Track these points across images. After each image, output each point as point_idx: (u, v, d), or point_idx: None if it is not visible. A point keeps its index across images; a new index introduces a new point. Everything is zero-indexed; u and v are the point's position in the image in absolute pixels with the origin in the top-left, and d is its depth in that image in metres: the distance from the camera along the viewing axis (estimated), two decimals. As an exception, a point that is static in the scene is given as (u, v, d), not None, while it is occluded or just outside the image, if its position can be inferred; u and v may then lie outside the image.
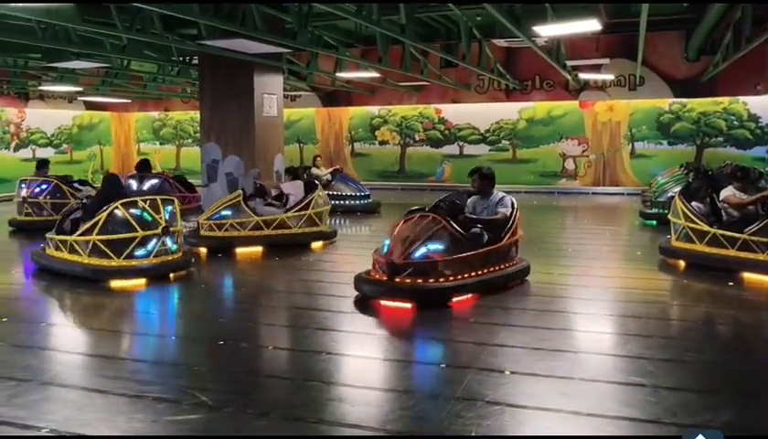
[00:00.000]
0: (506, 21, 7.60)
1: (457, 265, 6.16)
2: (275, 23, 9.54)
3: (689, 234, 7.74)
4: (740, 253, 7.11)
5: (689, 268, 7.64)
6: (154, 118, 22.35)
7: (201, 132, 11.14)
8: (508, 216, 6.83)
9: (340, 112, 19.87)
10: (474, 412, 3.78)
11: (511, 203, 7.01)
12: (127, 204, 7.18)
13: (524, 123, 18.20)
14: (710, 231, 7.44)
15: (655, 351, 4.79)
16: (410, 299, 6.01)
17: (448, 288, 6.07)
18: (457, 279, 6.12)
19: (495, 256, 6.56)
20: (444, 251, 6.16)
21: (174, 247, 7.44)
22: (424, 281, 6.04)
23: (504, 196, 7.07)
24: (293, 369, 4.70)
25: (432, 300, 6.02)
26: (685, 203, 7.90)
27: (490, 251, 6.47)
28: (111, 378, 4.43)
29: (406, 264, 6.05)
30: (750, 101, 16.04)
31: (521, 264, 7.00)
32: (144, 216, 7.18)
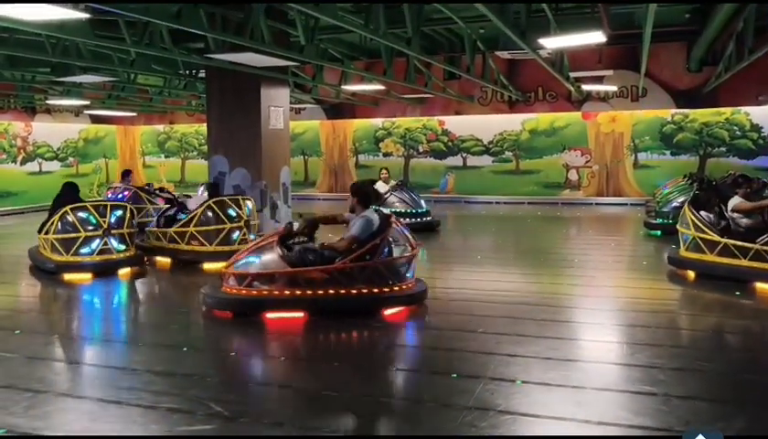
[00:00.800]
0: (512, 33, 7.67)
1: (268, 280, 6.16)
2: (282, 36, 9.62)
3: (699, 244, 7.73)
4: (752, 263, 7.12)
5: (699, 278, 7.64)
6: (160, 131, 22.46)
7: (208, 145, 11.20)
8: (352, 238, 6.21)
9: (344, 125, 19.97)
10: (487, 421, 3.81)
11: (363, 225, 6.24)
12: (76, 208, 8.32)
13: (527, 135, 18.26)
14: (721, 241, 7.44)
15: (665, 360, 4.82)
16: (227, 308, 6.20)
17: (255, 301, 6.12)
18: (272, 294, 6.12)
19: (345, 277, 6.12)
20: (260, 266, 6.21)
21: (121, 247, 8.46)
22: (238, 292, 6.17)
23: (362, 217, 6.30)
24: (305, 380, 4.73)
25: (241, 311, 6.15)
26: (695, 213, 7.90)
27: (328, 271, 6.10)
28: (125, 389, 4.46)
29: (227, 273, 6.29)
30: (752, 111, 16.10)
31: (404, 289, 6.37)
32: (89, 218, 8.31)
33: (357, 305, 6.18)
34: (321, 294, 6.13)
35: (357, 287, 6.16)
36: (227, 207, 8.98)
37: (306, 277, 6.11)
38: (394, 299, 6.29)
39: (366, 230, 6.24)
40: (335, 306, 6.13)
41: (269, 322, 6.02)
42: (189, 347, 5.46)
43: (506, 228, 13.69)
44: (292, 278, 6.13)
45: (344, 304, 6.16)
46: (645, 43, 9.04)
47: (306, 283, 6.12)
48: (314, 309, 6.10)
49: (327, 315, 6.04)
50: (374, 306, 6.20)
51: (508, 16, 7.67)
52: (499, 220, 14.84)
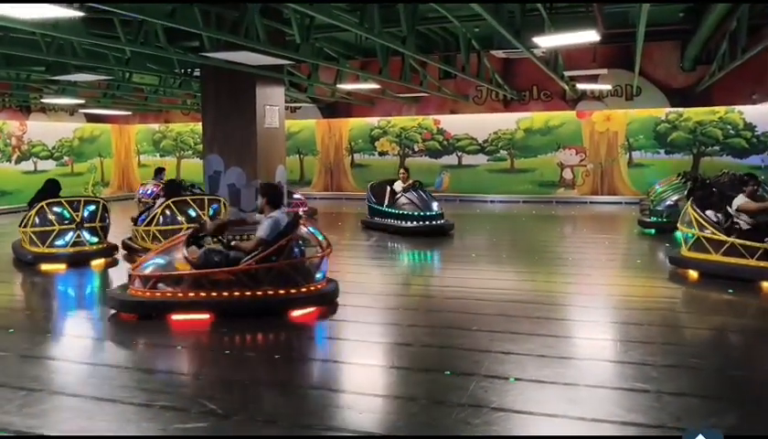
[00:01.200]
0: (507, 33, 7.69)
1: (173, 282, 6.12)
2: (277, 35, 9.63)
3: (703, 243, 7.70)
4: (759, 263, 7.13)
5: (702, 278, 7.61)
6: (155, 130, 22.43)
7: (203, 143, 11.19)
8: (259, 240, 6.22)
9: (340, 124, 19.98)
10: (481, 418, 3.83)
11: (269, 226, 6.23)
12: (51, 203, 9.01)
13: (522, 134, 18.30)
14: (728, 241, 7.42)
15: (658, 358, 4.85)
16: (131, 311, 6.21)
17: (160, 303, 6.09)
18: (176, 296, 6.08)
19: (251, 278, 6.09)
20: (164, 267, 6.18)
21: (93, 239, 9.08)
22: (143, 294, 6.15)
23: (270, 218, 6.30)
24: (299, 377, 4.74)
25: (146, 313, 6.15)
26: (699, 212, 7.85)
27: (233, 272, 6.07)
28: (119, 387, 4.47)
29: (133, 275, 6.28)
30: (745, 110, 16.16)
31: (312, 290, 6.31)
32: (63, 213, 8.98)
33: (264, 307, 6.12)
34: (226, 296, 6.07)
35: (263, 289, 6.10)
36: (187, 207, 9.14)
37: (211, 279, 6.08)
38: (302, 300, 6.22)
39: (272, 231, 6.22)
40: (241, 308, 6.08)
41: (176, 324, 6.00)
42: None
43: (500, 226, 13.72)
44: (196, 280, 6.09)
45: (250, 305, 6.10)
46: (639, 42, 9.08)
47: (211, 285, 6.07)
48: (220, 311, 6.04)
49: (235, 316, 6.00)
50: (281, 307, 6.14)
51: (503, 16, 7.69)
52: (494, 219, 14.87)
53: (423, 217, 11.68)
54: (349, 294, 7.33)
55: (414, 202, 11.85)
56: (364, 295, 7.32)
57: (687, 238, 8.02)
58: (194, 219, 8.94)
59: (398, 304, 6.99)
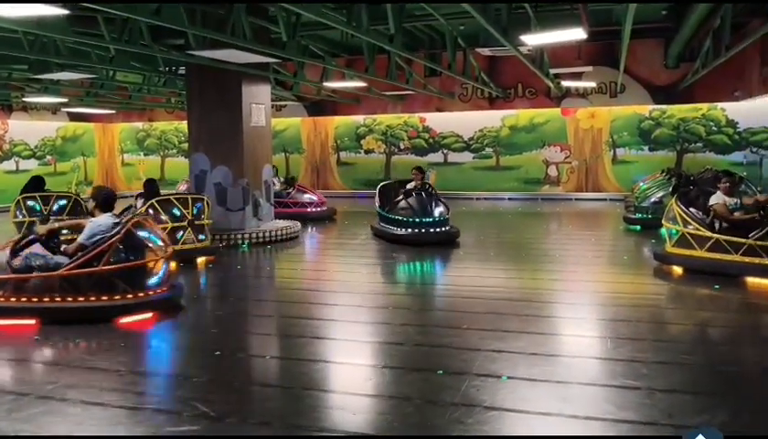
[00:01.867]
0: (494, 30, 7.70)
1: (11, 287, 5.97)
2: (263, 33, 9.58)
3: (688, 239, 7.75)
4: (744, 258, 7.18)
5: (686, 273, 7.67)
6: (139, 129, 22.25)
7: (189, 142, 11.10)
8: (78, 245, 6.14)
9: (326, 122, 19.93)
10: (474, 417, 3.83)
11: (88, 231, 6.15)
12: (27, 198, 10.38)
13: (507, 131, 18.36)
14: (713, 237, 7.47)
15: (648, 354, 4.89)
16: None
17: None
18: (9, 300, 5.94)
19: (71, 284, 5.97)
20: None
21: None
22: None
23: (91, 222, 6.23)
24: (291, 378, 4.72)
25: None
26: (683, 209, 7.91)
27: (51, 277, 5.94)
28: (109, 390, 4.43)
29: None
30: (728, 107, 16.33)
31: (142, 297, 6.12)
32: (35, 207, 10.22)
33: (86, 314, 5.93)
34: (48, 302, 5.93)
35: (85, 295, 5.97)
36: (171, 206, 8.95)
37: (33, 284, 5.94)
38: (129, 307, 6.02)
39: (92, 235, 6.12)
40: (63, 315, 5.90)
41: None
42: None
43: (487, 223, 13.76)
44: (17, 285, 5.97)
45: (72, 312, 5.92)
46: (625, 40, 9.13)
47: (34, 291, 5.94)
48: (44, 318, 5.88)
49: (61, 323, 5.83)
50: (106, 315, 5.94)
51: (490, 14, 7.70)
52: (480, 216, 14.90)
53: (417, 224, 10.20)
54: (339, 294, 7.37)
55: (412, 207, 10.41)
56: (353, 295, 7.32)
57: (671, 234, 8.09)
58: (179, 218, 8.88)
59: (388, 302, 6.99)
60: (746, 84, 14.65)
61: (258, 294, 7.89)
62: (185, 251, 8.63)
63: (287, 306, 7.06)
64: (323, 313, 6.60)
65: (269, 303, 7.37)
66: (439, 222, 10.31)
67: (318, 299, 7.26)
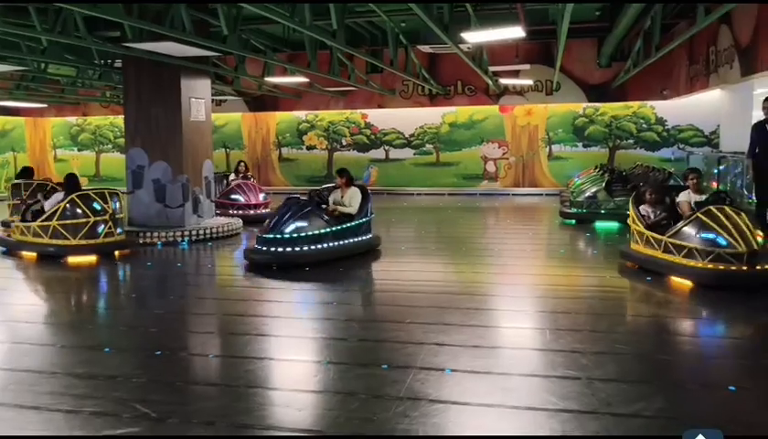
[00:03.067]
0: (436, 28, 7.78)
1: None
2: (202, 26, 9.41)
3: (636, 236, 7.90)
4: (666, 256, 7.18)
5: (625, 267, 7.86)
6: (72, 123, 21.51)
7: (125, 137, 10.81)
8: None
9: (267, 117, 19.72)
10: (419, 411, 3.88)
11: None
12: None
13: (447, 128, 18.59)
14: (645, 233, 7.61)
15: (586, 345, 5.04)
16: None
17: None
18: None
19: None
20: None
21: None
22: None
23: None
24: (235, 377, 4.67)
25: None
26: (635, 207, 8.02)
27: None
28: (44, 393, 4.29)
29: None
30: (657, 105, 16.98)
31: None
32: None
33: None
34: None
35: None
36: (91, 200, 9.04)
37: None
38: None
39: None
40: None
41: None
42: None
43: (428, 219, 13.90)
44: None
45: None
46: (561, 39, 9.36)
47: None
48: None
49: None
50: None
51: (432, 11, 7.78)
52: (421, 212, 15.05)
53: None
54: (281, 290, 7.33)
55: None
56: (296, 291, 7.29)
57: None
58: (99, 212, 8.93)
59: (332, 298, 7.00)
60: (674, 83, 15.25)
61: (199, 291, 7.75)
62: (106, 244, 8.92)
63: (229, 304, 6.97)
64: (266, 310, 6.55)
65: (210, 301, 7.26)
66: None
67: (261, 296, 7.20)
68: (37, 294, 7.79)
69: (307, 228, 8.33)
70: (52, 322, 6.40)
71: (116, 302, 7.26)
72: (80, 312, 6.92)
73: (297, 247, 8.21)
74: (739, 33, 10.08)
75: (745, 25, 9.71)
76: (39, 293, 7.87)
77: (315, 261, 8.24)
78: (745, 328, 5.80)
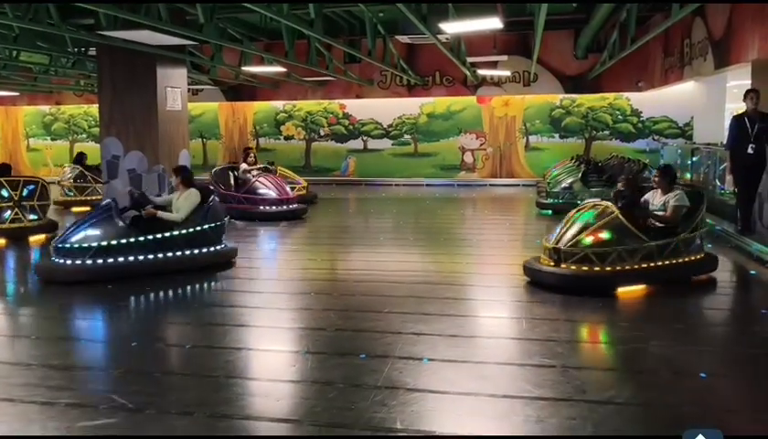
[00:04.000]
0: (414, 18, 7.78)
1: None
2: (179, 14, 9.30)
3: None
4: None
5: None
6: (45, 112, 21.17)
7: (100, 126, 10.66)
8: None
9: (244, 107, 19.59)
10: (397, 399, 3.91)
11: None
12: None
13: (425, 118, 18.62)
14: None
15: (561, 334, 5.12)
16: None
17: None
18: None
19: None
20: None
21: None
22: None
23: None
24: (213, 367, 4.67)
25: None
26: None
27: None
28: (19, 385, 4.25)
29: None
30: (632, 97, 17.15)
31: None
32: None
33: None
34: None
35: None
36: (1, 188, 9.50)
37: None
38: None
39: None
40: None
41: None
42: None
43: (406, 209, 13.93)
44: None
45: None
46: (538, 31, 9.41)
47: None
48: None
49: None
50: None
51: (410, 1, 7.77)
52: (399, 202, 15.08)
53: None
54: (261, 281, 7.32)
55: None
56: (274, 281, 7.28)
57: None
58: (6, 199, 9.39)
59: (309, 288, 7.00)
60: (649, 75, 15.41)
61: (176, 282, 7.69)
62: (12, 229, 9.43)
63: (206, 294, 6.94)
64: (244, 300, 6.55)
65: (187, 291, 7.21)
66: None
67: (239, 286, 7.17)
68: None
69: (100, 237, 7.01)
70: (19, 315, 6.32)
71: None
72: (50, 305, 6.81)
73: (89, 260, 6.94)
74: (713, 26, 10.22)
75: (719, 18, 9.84)
76: None
77: (116, 276, 7.00)
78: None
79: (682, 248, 6.65)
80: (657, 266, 6.50)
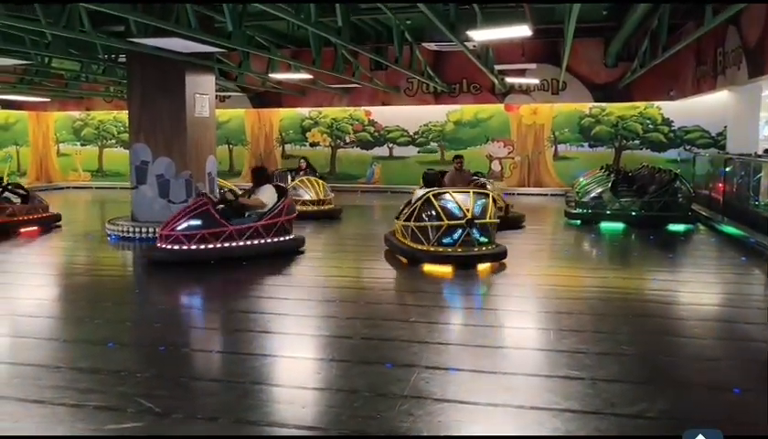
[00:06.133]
0: (442, 25, 7.75)
1: None
2: (207, 22, 9.40)
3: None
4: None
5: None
6: (75, 118, 21.52)
7: (130, 132, 10.80)
8: None
9: (270, 114, 19.71)
10: (424, 409, 3.86)
11: None
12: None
13: (452, 126, 18.56)
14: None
15: (589, 345, 5.02)
16: None
17: None
18: None
19: None
20: None
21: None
22: None
23: None
24: (239, 373, 4.66)
25: None
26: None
27: None
28: (48, 387, 4.28)
29: None
30: (663, 106, 16.92)
31: None
32: None
33: None
34: None
35: None
36: None
37: None
38: None
39: None
40: None
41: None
42: None
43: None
44: None
45: None
46: (567, 38, 9.33)
47: None
48: None
49: None
50: None
51: (438, 9, 7.75)
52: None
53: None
54: (286, 287, 7.33)
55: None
56: (300, 288, 7.28)
57: None
58: None
59: (335, 296, 6.98)
60: (681, 84, 15.20)
61: (203, 288, 7.74)
62: None
63: (233, 301, 6.96)
64: (270, 307, 6.55)
65: (214, 297, 7.25)
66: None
67: (265, 293, 7.19)
68: None
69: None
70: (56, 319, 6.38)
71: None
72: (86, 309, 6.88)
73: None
74: (747, 34, 10.03)
75: (753, 26, 9.66)
76: None
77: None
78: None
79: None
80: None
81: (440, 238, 8.00)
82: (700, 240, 10.54)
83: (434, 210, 8.03)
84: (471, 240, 8.00)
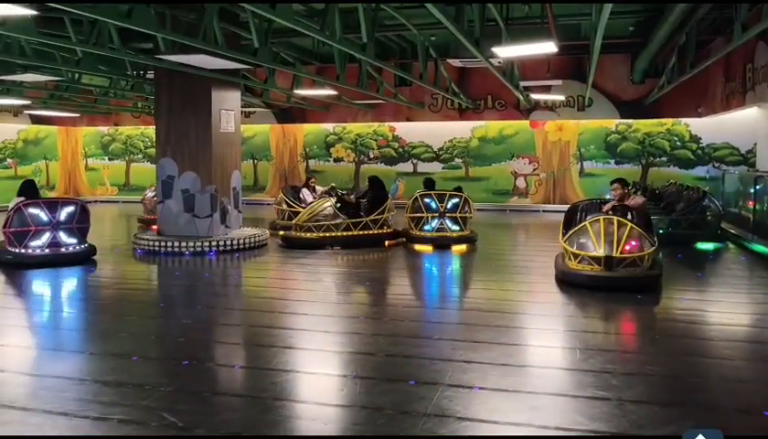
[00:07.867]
0: (466, 41, 7.75)
1: None
2: (234, 39, 9.51)
3: None
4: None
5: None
6: (103, 133, 21.88)
7: (156, 147, 10.95)
8: None
9: (295, 129, 19.85)
10: (447, 428, 3.81)
11: None
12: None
13: (476, 142, 18.51)
14: None
15: (616, 365, 4.93)
16: None
17: None
18: None
19: None
20: None
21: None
22: None
23: None
24: (261, 389, 4.65)
25: None
26: None
27: None
28: (73, 400, 4.31)
29: None
30: (691, 122, 16.71)
31: None
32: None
33: None
34: None
35: None
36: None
37: None
38: None
39: None
40: None
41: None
42: None
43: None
44: None
45: None
46: (594, 55, 9.27)
47: None
48: None
49: None
50: None
51: (463, 25, 7.75)
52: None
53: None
54: (308, 303, 7.32)
55: None
56: (323, 304, 7.27)
57: None
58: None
59: (358, 312, 6.96)
60: (709, 101, 15.01)
61: (226, 302, 7.77)
62: None
63: (256, 315, 6.97)
64: (292, 322, 6.54)
65: (237, 311, 7.27)
66: None
67: (288, 308, 7.19)
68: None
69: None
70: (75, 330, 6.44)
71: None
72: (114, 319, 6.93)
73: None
74: (777, 50, 9.90)
75: (783, 41, 9.53)
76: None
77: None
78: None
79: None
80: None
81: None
82: (730, 259, 10.35)
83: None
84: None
